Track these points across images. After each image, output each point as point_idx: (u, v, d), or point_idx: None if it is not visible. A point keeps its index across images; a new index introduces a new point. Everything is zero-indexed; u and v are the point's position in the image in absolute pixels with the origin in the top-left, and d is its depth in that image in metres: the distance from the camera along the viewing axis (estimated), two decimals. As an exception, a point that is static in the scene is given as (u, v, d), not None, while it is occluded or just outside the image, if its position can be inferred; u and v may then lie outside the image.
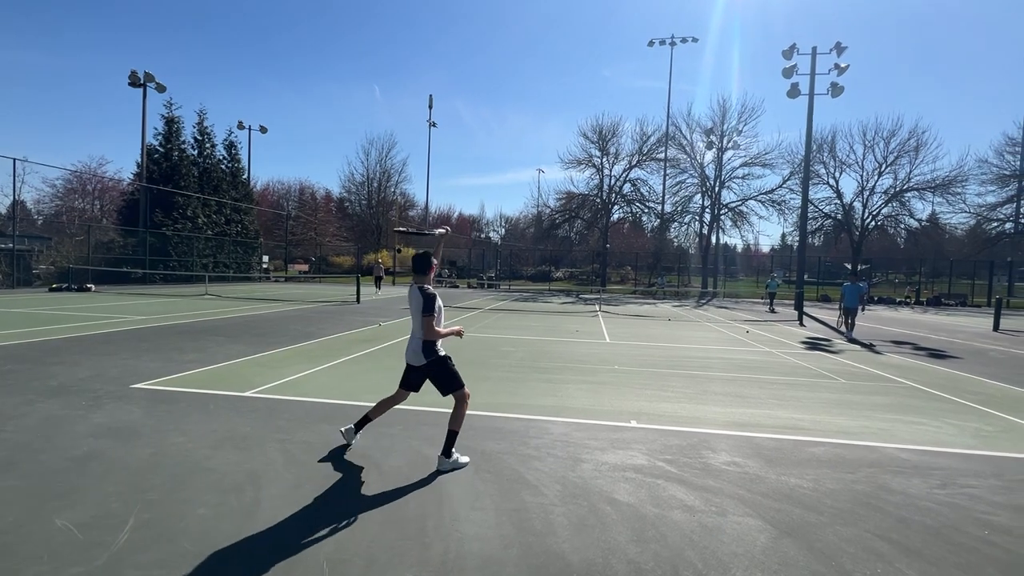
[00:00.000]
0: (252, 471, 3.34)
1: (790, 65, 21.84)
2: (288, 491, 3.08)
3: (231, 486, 3.11)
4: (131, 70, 26.95)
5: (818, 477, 3.59)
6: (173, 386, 5.52)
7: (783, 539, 2.70)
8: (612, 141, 37.17)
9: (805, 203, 23.50)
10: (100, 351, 7.41)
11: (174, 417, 4.43)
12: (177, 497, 2.94)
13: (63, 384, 5.44)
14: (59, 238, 26.00)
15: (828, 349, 10.46)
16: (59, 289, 19.41)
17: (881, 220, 36.34)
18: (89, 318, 11.18)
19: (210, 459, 3.53)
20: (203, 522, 2.66)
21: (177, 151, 30.03)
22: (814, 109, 21.54)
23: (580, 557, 2.47)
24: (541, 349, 9.06)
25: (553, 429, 4.51)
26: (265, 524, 2.67)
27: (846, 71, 21.46)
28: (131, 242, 26.33)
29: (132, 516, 2.69)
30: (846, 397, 6.16)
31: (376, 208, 55.68)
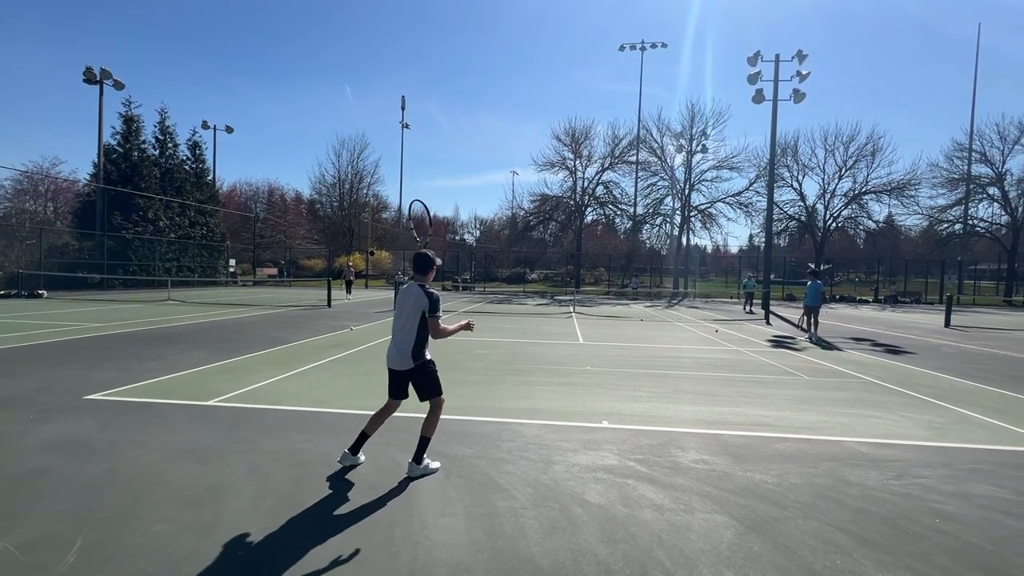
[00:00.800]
0: (213, 484, 3.22)
1: (755, 71, 22.51)
2: (251, 504, 2.98)
3: (190, 500, 2.99)
4: (86, 66, 25.82)
5: (782, 472, 3.69)
6: (131, 396, 5.28)
7: (748, 535, 2.76)
8: (585, 144, 37.68)
9: (770, 205, 24.25)
10: (52, 361, 7.04)
11: (131, 429, 4.24)
12: (131, 514, 2.80)
13: (9, 396, 5.14)
14: (8, 242, 24.63)
15: (793, 347, 10.80)
16: (7, 296, 18.39)
17: (842, 221, 37.84)
18: (41, 326, 10.62)
19: (168, 473, 3.39)
20: (158, 539, 2.55)
21: (137, 151, 28.92)
22: (778, 114, 22.26)
23: (550, 560, 2.46)
24: (515, 351, 9.06)
25: (526, 432, 4.51)
26: (225, 539, 2.57)
27: (807, 78, 22.24)
28: (87, 246, 25.17)
29: (81, 536, 2.55)
30: (809, 393, 6.36)
31: (348, 210, 54.76)
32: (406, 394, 3.63)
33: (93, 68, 25.89)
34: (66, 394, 5.29)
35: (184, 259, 30.43)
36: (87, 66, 25.81)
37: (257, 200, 59.84)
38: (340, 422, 4.62)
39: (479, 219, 78.69)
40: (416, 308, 3.44)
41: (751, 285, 22.25)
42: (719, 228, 39.02)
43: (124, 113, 28.65)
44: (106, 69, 26.13)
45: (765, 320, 16.86)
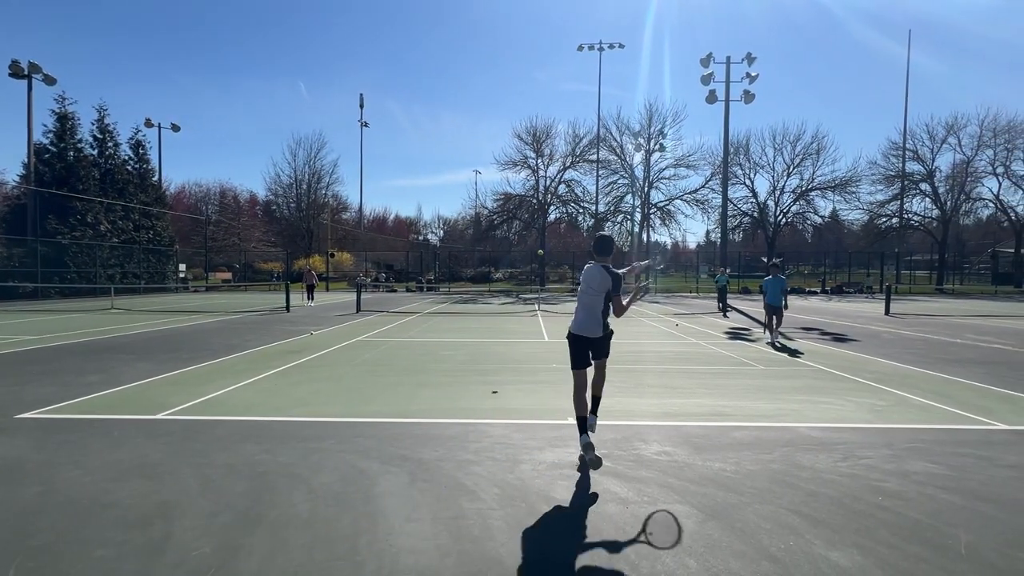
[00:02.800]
0: (163, 502, 3.06)
1: (707, 72, 23.30)
2: (204, 521, 2.84)
3: (137, 521, 2.82)
4: (12, 60, 23.99)
5: (739, 460, 3.83)
6: (69, 413, 4.94)
7: (708, 522, 2.85)
8: (546, 143, 38.01)
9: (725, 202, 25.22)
10: (-22, 378, 6.50)
11: (70, 448, 3.97)
12: (71, 539, 2.62)
13: (-72, 419, 4.71)
14: (-75, 250, 22.59)
15: (748, 338, 11.24)
16: (-74, 309, 16.86)
17: (791, 217, 39.77)
18: (-36, 341, 9.79)
19: (112, 493, 3.19)
20: (101, 564, 2.39)
21: (73, 150, 27.10)
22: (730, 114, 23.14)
23: (518, 560, 2.46)
24: (481, 351, 9.03)
25: (492, 432, 4.50)
26: (176, 559, 2.44)
27: (757, 79, 23.21)
28: (18, 252, 23.40)
29: (12, 567, 2.37)
30: (764, 382, 6.64)
31: (306, 211, 53.18)
32: (590, 362, 3.95)
33: (19, 62, 24.07)
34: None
35: (129, 265, 28.78)
36: (13, 59, 23.99)
37: (208, 202, 57.29)
38: (299, 431, 4.48)
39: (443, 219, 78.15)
40: (603, 286, 3.80)
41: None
42: (677, 225, 40.12)
43: (57, 110, 26.79)
44: (35, 63, 24.36)
45: (723, 313, 17.48)
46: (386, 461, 3.76)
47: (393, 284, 38.70)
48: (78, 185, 26.24)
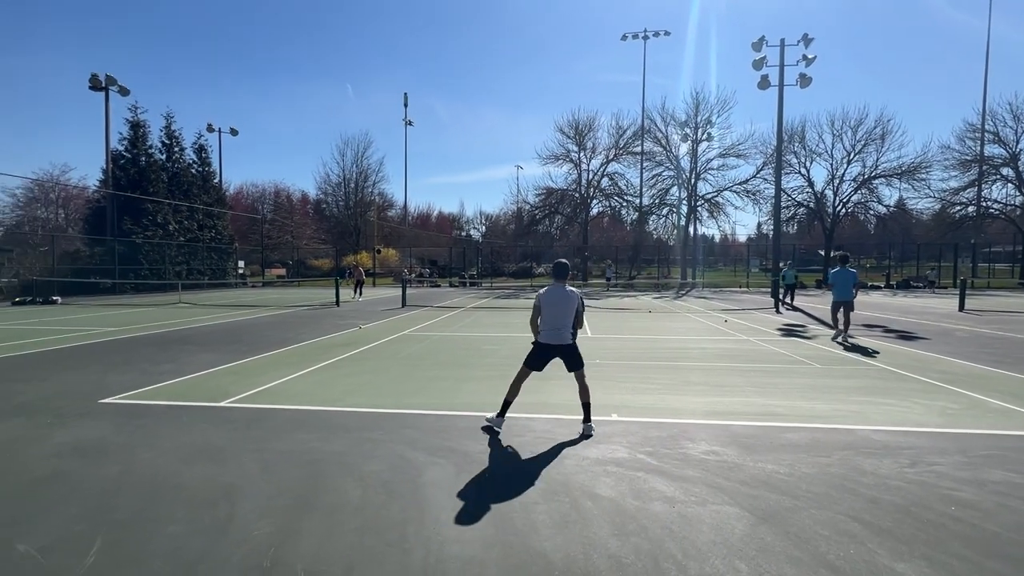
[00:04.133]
0: (227, 484, 3.26)
1: (759, 57, 22.20)
2: (264, 503, 3.01)
3: (204, 501, 3.03)
4: (92, 73, 26.04)
5: (794, 462, 3.66)
6: (144, 399, 5.36)
7: (760, 526, 2.75)
8: (589, 136, 37.39)
9: (778, 192, 23.98)
10: (67, 366, 7.15)
11: (145, 432, 4.30)
12: (147, 516, 2.85)
13: (27, 402, 5.23)
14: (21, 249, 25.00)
15: (803, 335, 10.70)
16: (23, 303, 18.69)
17: (851, 207, 37.34)
18: (56, 332, 10.79)
19: (182, 474, 3.43)
20: (174, 540, 2.59)
21: (144, 156, 29.17)
22: (784, 100, 21.96)
23: (562, 554, 2.47)
24: (524, 347, 9.03)
25: (536, 426, 4.51)
26: (240, 538, 2.61)
27: (814, 62, 21.91)
28: (99, 251, 25.48)
29: (99, 538, 2.60)
30: (820, 381, 6.30)
31: (354, 209, 54.97)
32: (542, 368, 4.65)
33: (99, 75, 26.10)
34: (82, 398, 5.38)
35: (194, 262, 30.73)
36: (92, 73, 26.04)
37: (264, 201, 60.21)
38: (349, 421, 4.65)
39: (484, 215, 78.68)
40: (574, 307, 4.49)
41: (790, 277, 18.05)
42: (726, 217, 38.39)
43: (131, 119, 28.91)
44: (111, 76, 26.33)
45: (775, 309, 16.72)
46: (432, 452, 3.85)
47: (437, 279, 39.42)
48: (149, 188, 28.24)
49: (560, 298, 4.47)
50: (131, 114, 28.86)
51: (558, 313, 4.46)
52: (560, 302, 4.46)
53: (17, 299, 19.28)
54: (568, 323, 4.47)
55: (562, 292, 4.48)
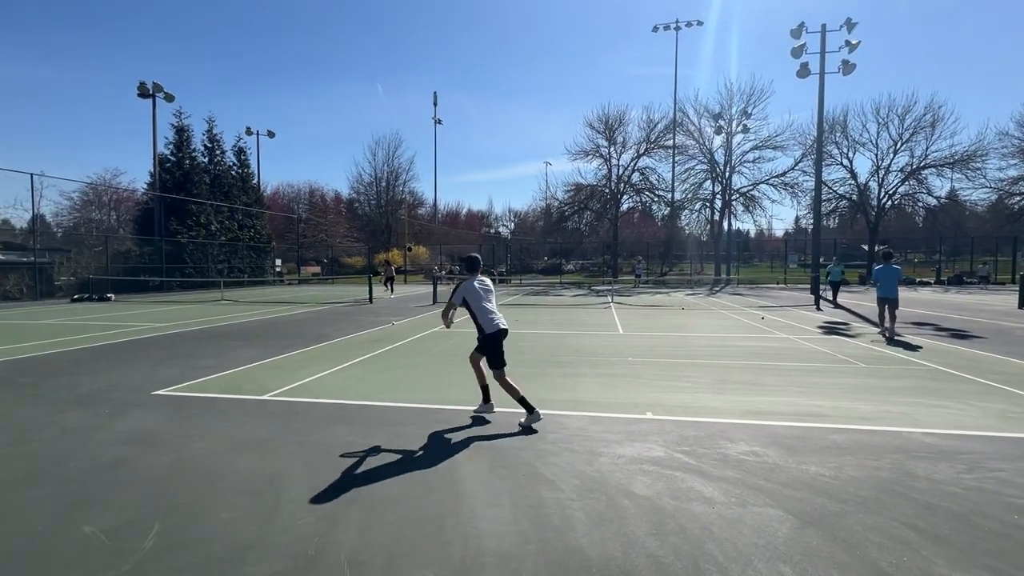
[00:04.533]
0: (272, 475, 3.39)
1: (799, 44, 21.36)
2: (307, 493, 3.11)
3: (252, 490, 3.15)
4: (140, 81, 27.35)
5: (840, 465, 3.53)
6: (192, 392, 5.61)
7: (805, 529, 2.66)
8: (619, 130, 36.81)
9: (818, 185, 23.03)
10: (122, 359, 7.56)
11: (194, 423, 4.51)
12: (200, 502, 2.99)
13: (87, 393, 5.56)
14: (78, 249, 26.54)
15: (846, 333, 10.28)
16: (80, 300, 19.85)
17: (898, 199, 35.59)
18: (110, 327, 11.42)
19: (230, 464, 3.59)
20: (226, 526, 2.71)
21: (188, 159, 30.45)
22: (825, 88, 21.06)
23: (599, 552, 2.46)
24: (555, 343, 9.04)
25: (569, 423, 4.50)
26: (286, 526, 2.71)
27: (857, 48, 20.93)
28: (147, 251, 26.80)
29: (157, 522, 2.74)
30: (866, 382, 6.05)
31: (385, 207, 55.92)
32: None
33: (146, 83, 27.40)
34: (136, 390, 5.68)
35: (234, 260, 31.93)
36: (141, 81, 27.35)
37: (299, 201, 61.96)
38: (385, 415, 4.76)
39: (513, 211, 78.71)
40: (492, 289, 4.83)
41: (837, 274, 16.80)
42: (762, 211, 37.11)
43: (175, 123, 30.21)
44: (157, 83, 27.60)
45: (815, 306, 16.12)
46: (467, 447, 3.89)
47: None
48: (193, 190, 29.48)
49: (490, 289, 4.80)
50: (176, 119, 30.19)
51: (493, 303, 4.76)
52: (492, 291, 4.83)
53: (76, 296, 20.49)
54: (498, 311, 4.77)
55: (488, 283, 4.84)
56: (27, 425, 4.46)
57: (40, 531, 2.67)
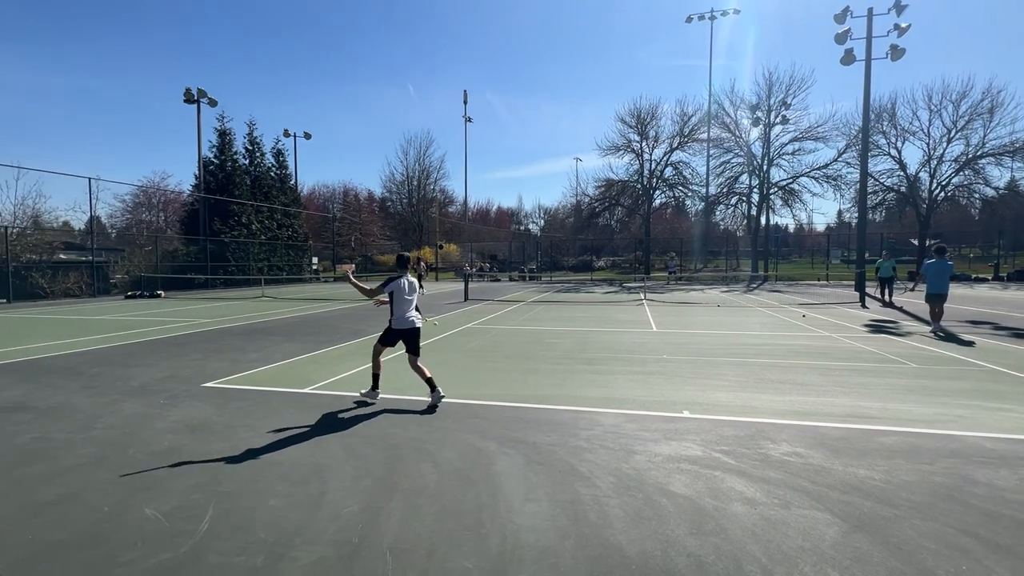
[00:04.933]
0: (316, 464, 3.51)
1: (843, 30, 20.42)
2: (350, 483, 3.21)
3: (298, 478, 3.28)
4: (186, 88, 28.60)
5: (890, 468, 3.39)
6: (239, 384, 5.86)
7: (854, 533, 2.57)
8: (651, 124, 36.16)
9: (864, 176, 21.98)
10: (172, 353, 7.96)
11: (242, 414, 4.72)
12: (250, 489, 3.13)
13: (143, 384, 5.89)
14: (131, 249, 28.03)
15: (895, 332, 9.81)
16: (133, 296, 20.99)
17: (951, 190, 33.59)
18: (161, 322, 12.04)
19: (277, 453, 3.73)
20: (274, 512, 2.83)
21: (230, 162, 31.66)
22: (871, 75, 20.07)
23: (638, 549, 2.44)
24: (587, 340, 8.99)
25: (603, 420, 4.48)
26: (331, 514, 2.80)
27: (907, 31, 19.86)
28: (193, 250, 28.07)
29: (211, 507, 2.89)
30: (918, 382, 5.76)
31: (417, 206, 56.74)
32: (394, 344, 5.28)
33: (191, 89, 28.63)
34: (187, 382, 5.98)
35: (273, 259, 33.07)
36: (187, 87, 28.60)
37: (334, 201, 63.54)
38: (420, 409, 4.84)
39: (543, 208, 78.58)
40: (414, 290, 5.20)
41: (888, 269, 15.55)
42: (803, 205, 35.68)
43: (218, 127, 31.47)
44: (202, 89, 28.79)
45: (860, 303, 15.44)
46: (502, 442, 3.93)
47: (497, 273, 39.89)
48: (235, 191, 30.68)
49: (415, 288, 5.22)
50: (219, 123, 31.45)
51: (412, 302, 5.17)
52: (416, 291, 5.23)
53: (129, 293, 21.70)
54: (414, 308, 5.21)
55: (415, 283, 5.22)
56: (92, 413, 4.77)
57: (107, 512, 2.85)
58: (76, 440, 4.04)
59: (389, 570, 2.29)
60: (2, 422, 4.52)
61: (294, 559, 2.38)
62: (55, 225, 31.88)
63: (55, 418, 4.62)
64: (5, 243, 19.44)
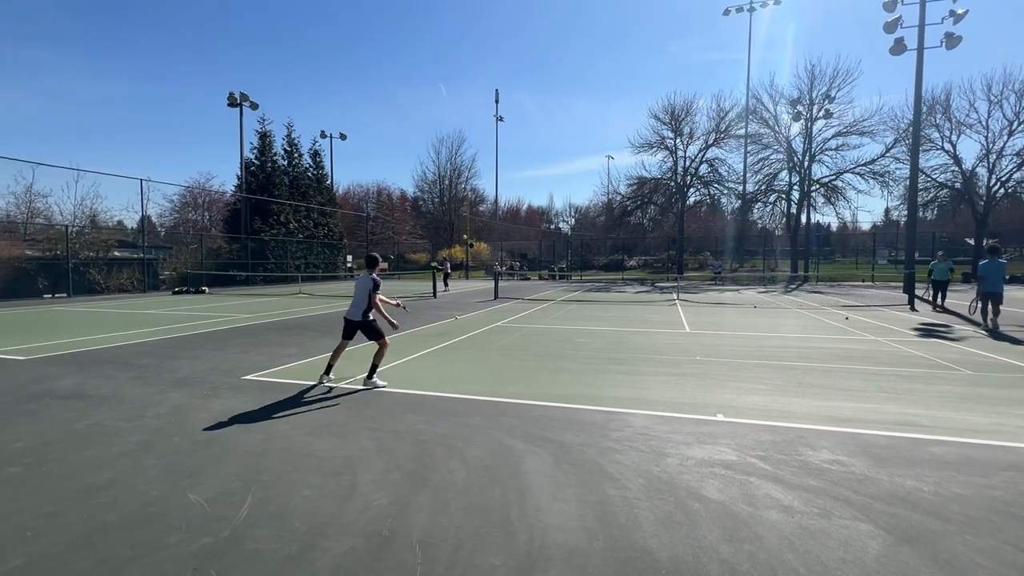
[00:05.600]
0: (348, 457, 3.59)
1: (893, 18, 19.42)
2: (380, 476, 3.27)
3: (331, 470, 3.36)
4: (229, 92, 29.76)
5: (941, 480, 3.20)
6: (277, 377, 6.06)
7: (900, 547, 2.44)
8: (686, 121, 35.29)
9: (915, 172, 20.86)
10: (215, 346, 8.31)
11: (280, 406, 4.87)
12: (286, 479, 3.23)
13: (187, 376, 6.17)
14: (178, 247, 29.46)
15: (947, 336, 9.28)
16: (180, 292, 22.03)
17: (1012, 186, 31.46)
18: (205, 317, 12.59)
19: (311, 445, 3.84)
20: (308, 502, 2.91)
21: (270, 162, 32.76)
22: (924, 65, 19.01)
23: (669, 554, 2.39)
24: (618, 340, 8.88)
25: (634, 421, 4.41)
26: (362, 507, 2.86)
27: (964, 17, 18.72)
28: (235, 248, 29.21)
29: (250, 495, 3.00)
30: (973, 390, 5.43)
31: (448, 205, 57.35)
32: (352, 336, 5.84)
33: (234, 93, 29.79)
34: (229, 374, 6.22)
35: (310, 257, 34.06)
36: (230, 92, 29.78)
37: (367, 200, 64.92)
38: (451, 405, 4.89)
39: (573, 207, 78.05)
40: (365, 288, 5.66)
41: (943, 271, 14.00)
42: (846, 202, 34.03)
43: (259, 130, 32.61)
44: (244, 93, 29.91)
45: (909, 305, 14.67)
46: (530, 441, 3.92)
47: (527, 272, 39.88)
48: (274, 191, 31.74)
49: (360, 283, 5.74)
50: (260, 125, 32.60)
51: (356, 294, 5.74)
52: (359, 285, 5.75)
53: (176, 289, 22.79)
54: (360, 304, 5.67)
55: (363, 279, 5.74)
56: (140, 402, 5.03)
57: (154, 496, 3.00)
58: (126, 428, 4.26)
59: (417, 564, 2.32)
60: (60, 409, 4.82)
61: (326, 549, 2.45)
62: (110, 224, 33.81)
63: (108, 406, 4.89)
64: (66, 241, 20.73)
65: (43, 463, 3.52)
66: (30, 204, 30.39)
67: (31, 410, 4.78)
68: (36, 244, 22.39)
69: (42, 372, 6.39)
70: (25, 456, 3.64)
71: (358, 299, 5.73)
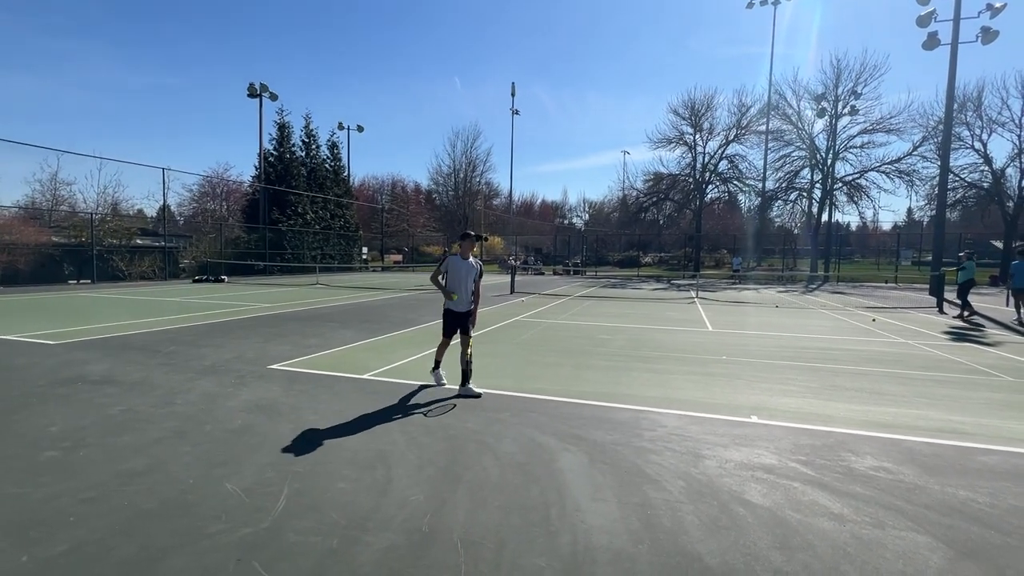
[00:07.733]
0: (380, 450, 3.56)
1: (927, 11, 18.84)
2: (414, 471, 3.23)
3: (364, 463, 3.33)
4: (249, 83, 29.97)
5: (995, 491, 3.07)
6: (302, 367, 6.07)
7: (962, 561, 2.34)
8: (706, 116, 34.76)
9: (945, 171, 20.28)
10: (238, 335, 8.37)
11: (307, 396, 4.87)
12: (320, 471, 3.21)
13: (214, 364, 6.20)
14: (197, 236, 29.83)
15: (981, 340, 9.00)
16: (200, 280, 22.32)
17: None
18: (225, 306, 12.71)
19: (342, 436, 3.82)
20: (344, 495, 2.88)
21: (288, 154, 33.00)
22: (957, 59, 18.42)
23: (719, 560, 2.32)
24: (640, 337, 8.76)
25: (665, 421, 4.32)
26: (398, 501, 2.82)
27: (1003, 10, 18.08)
28: (253, 238, 29.51)
29: (286, 486, 2.98)
30: (1017, 397, 5.24)
31: (462, 198, 57.32)
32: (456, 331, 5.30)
33: (255, 84, 29.98)
34: (254, 363, 6.25)
35: (327, 247, 34.32)
36: (250, 83, 29.98)
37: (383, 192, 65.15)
38: (478, 401, 4.84)
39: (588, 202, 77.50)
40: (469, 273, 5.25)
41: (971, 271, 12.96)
42: (870, 201, 33.21)
43: (278, 121, 32.85)
44: (264, 84, 30.09)
45: (938, 308, 14.30)
46: (562, 438, 3.86)
47: (541, 267, 39.74)
48: (292, 182, 31.98)
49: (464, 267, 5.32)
50: (278, 116, 32.82)
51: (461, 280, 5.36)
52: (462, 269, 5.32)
53: (196, 278, 23.10)
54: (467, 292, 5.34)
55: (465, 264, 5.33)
56: (170, 389, 5.06)
57: (191, 484, 3.00)
58: (158, 414, 4.29)
59: (461, 562, 2.28)
60: (94, 394, 4.87)
61: (367, 544, 2.41)
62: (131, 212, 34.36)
63: (139, 392, 4.93)
64: (91, 228, 21.10)
65: (80, 447, 3.54)
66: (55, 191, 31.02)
67: (64, 394, 4.84)
68: (61, 231, 22.83)
69: (72, 357, 6.48)
70: (62, 440, 3.67)
71: (464, 287, 5.17)
